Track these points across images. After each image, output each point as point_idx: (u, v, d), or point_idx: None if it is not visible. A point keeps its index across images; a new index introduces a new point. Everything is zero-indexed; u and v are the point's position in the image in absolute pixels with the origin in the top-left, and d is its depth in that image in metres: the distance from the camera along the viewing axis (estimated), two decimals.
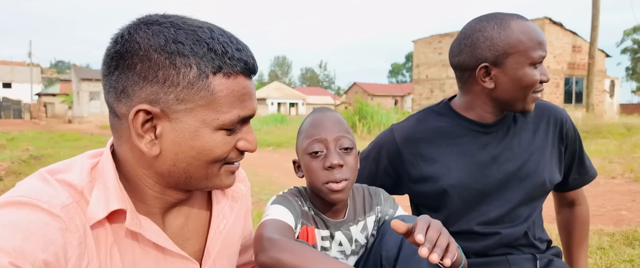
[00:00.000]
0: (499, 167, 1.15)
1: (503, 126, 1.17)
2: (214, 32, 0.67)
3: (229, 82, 0.66)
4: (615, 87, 20.41)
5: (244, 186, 0.93)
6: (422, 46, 20.64)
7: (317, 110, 1.10)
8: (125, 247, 0.70)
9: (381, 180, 1.27)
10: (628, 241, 2.20)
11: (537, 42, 1.05)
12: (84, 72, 29.86)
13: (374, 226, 1.13)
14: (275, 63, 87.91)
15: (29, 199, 0.60)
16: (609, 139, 9.48)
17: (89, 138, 12.61)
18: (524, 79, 1.06)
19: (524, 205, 1.17)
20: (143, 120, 0.65)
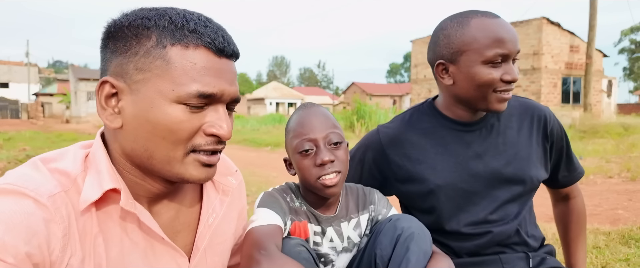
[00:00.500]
0: (485, 165, 1.15)
1: (486, 124, 1.17)
2: (185, 11, 0.69)
3: (187, 53, 0.65)
4: (612, 87, 20.46)
5: (234, 180, 0.91)
6: (420, 46, 20.66)
7: (303, 107, 1.10)
8: (112, 238, 0.68)
9: (366, 182, 1.26)
10: (624, 240, 2.20)
11: (494, 40, 1.02)
12: (81, 71, 29.79)
13: (367, 225, 1.13)
14: (273, 63, 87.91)
15: (16, 187, 0.60)
16: (607, 139, 9.50)
17: (87, 138, 12.54)
18: (476, 77, 1.04)
19: (513, 202, 1.17)
20: (108, 93, 0.67)
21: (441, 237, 1.19)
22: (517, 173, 1.15)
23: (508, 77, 1.03)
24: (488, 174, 1.14)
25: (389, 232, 0.97)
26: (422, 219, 1.22)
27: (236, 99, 0.72)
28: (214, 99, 0.67)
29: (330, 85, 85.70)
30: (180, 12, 0.69)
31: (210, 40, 0.67)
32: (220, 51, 0.67)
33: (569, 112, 13.66)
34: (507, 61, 1.04)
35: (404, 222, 0.98)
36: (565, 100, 17.56)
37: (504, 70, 1.04)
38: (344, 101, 41.35)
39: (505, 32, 1.03)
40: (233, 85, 0.70)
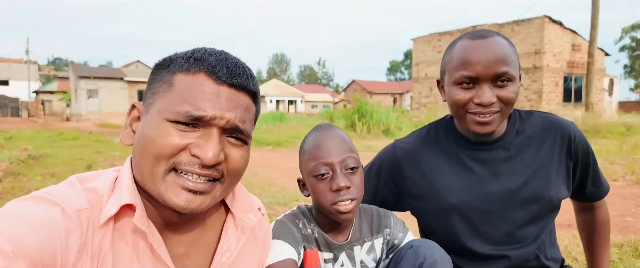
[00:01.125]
0: (501, 185, 1.12)
1: (504, 143, 1.14)
2: (214, 50, 0.75)
3: (187, 77, 0.70)
4: (614, 85, 20.43)
5: (254, 216, 0.88)
6: (421, 44, 20.61)
7: (319, 128, 1.08)
8: (122, 257, 0.70)
9: (382, 195, 1.26)
10: (637, 253, 2.18)
11: (462, 62, 1.03)
12: (81, 69, 29.73)
13: (382, 249, 1.11)
14: (273, 60, 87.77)
15: (50, 196, 0.65)
16: (609, 139, 9.48)
17: (88, 137, 12.54)
18: (449, 96, 1.09)
19: (531, 224, 1.14)
20: (134, 116, 0.75)
21: (456, 258, 1.16)
22: (535, 194, 1.12)
23: (476, 100, 1.03)
24: (504, 194, 1.12)
25: (411, 259, 0.96)
26: (436, 238, 1.20)
27: (235, 128, 0.71)
28: (205, 122, 0.69)
29: (330, 83, 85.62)
30: (207, 49, 0.75)
31: (211, 67, 0.70)
32: (220, 78, 0.70)
33: (571, 111, 13.65)
34: (479, 84, 1.03)
35: (425, 249, 0.96)
36: (566, 99, 17.53)
37: (475, 92, 1.03)
38: (344, 99, 41.29)
39: (476, 55, 1.02)
40: (230, 113, 0.70)
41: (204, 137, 0.69)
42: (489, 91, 1.02)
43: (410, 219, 1.29)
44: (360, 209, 1.14)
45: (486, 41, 1.02)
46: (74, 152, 8.21)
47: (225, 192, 0.77)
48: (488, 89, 1.02)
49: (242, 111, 0.72)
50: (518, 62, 1.08)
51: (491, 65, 1.00)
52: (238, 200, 0.87)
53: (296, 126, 16.16)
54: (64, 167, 6.20)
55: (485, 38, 1.03)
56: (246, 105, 0.74)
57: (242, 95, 0.73)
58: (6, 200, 3.85)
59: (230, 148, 0.73)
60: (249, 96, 0.75)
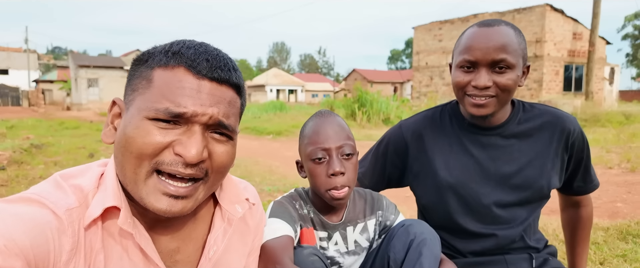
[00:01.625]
0: (496, 168, 1.19)
1: (504, 130, 1.20)
2: (194, 42, 0.72)
3: (165, 72, 0.68)
4: (615, 74, 20.36)
5: (241, 208, 0.85)
6: (422, 33, 20.50)
7: (320, 115, 1.14)
8: (112, 256, 0.69)
9: (389, 173, 1.33)
10: (622, 236, 2.25)
11: (465, 47, 1.10)
12: (81, 58, 29.63)
13: (375, 229, 1.18)
14: (273, 49, 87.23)
15: (38, 197, 0.64)
16: (608, 128, 9.52)
17: (89, 126, 12.59)
18: (452, 78, 1.16)
19: (521, 207, 1.21)
20: (115, 113, 0.73)
21: (448, 234, 1.24)
22: (527, 181, 1.18)
23: (473, 83, 1.10)
24: (498, 178, 1.19)
25: (402, 237, 1.02)
26: (431, 214, 1.28)
27: (219, 123, 0.69)
28: (186, 118, 0.66)
29: (330, 72, 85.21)
30: (185, 42, 0.72)
31: (190, 61, 0.67)
32: (201, 72, 0.67)
33: (571, 100, 13.64)
34: (477, 68, 1.09)
35: (416, 228, 1.03)
36: (567, 88, 17.50)
37: (473, 76, 1.10)
38: (345, 88, 41.17)
39: (478, 41, 1.08)
40: (212, 108, 0.67)
41: (186, 134, 0.67)
42: (486, 76, 1.08)
43: (403, 202, 1.36)
44: (355, 192, 1.21)
45: (490, 29, 1.08)
46: (76, 141, 8.28)
47: (210, 190, 0.74)
48: (485, 73, 1.08)
49: (225, 106, 0.70)
50: (522, 53, 1.11)
51: (490, 51, 1.07)
52: (225, 191, 0.85)
53: (296, 115, 16.17)
54: (67, 155, 6.28)
55: (490, 26, 1.09)
56: (230, 99, 0.71)
57: (224, 88, 0.70)
58: (11, 188, 3.93)
59: (215, 144, 0.70)
60: (233, 89, 0.72)
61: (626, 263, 1.90)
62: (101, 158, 4.53)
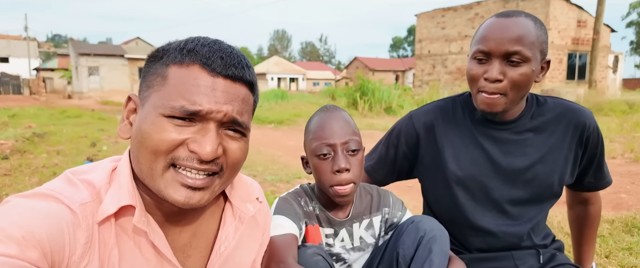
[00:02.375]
0: (508, 163, 1.16)
1: (518, 125, 1.17)
2: (207, 39, 0.73)
3: (180, 70, 0.68)
4: (619, 62, 20.19)
5: (252, 207, 0.88)
6: (425, 20, 20.29)
7: (325, 109, 1.12)
8: (125, 251, 0.71)
9: (400, 165, 1.31)
10: (627, 228, 2.25)
11: (480, 37, 1.07)
12: (82, 46, 29.48)
13: (381, 226, 1.17)
14: (274, 37, 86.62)
15: (53, 192, 0.65)
16: (611, 117, 9.47)
17: (91, 115, 12.59)
18: (467, 69, 1.12)
19: (531, 204, 1.19)
20: (130, 108, 0.74)
21: (455, 229, 1.22)
22: (539, 177, 1.16)
23: (485, 75, 1.06)
24: (510, 172, 1.16)
25: (412, 233, 1.01)
26: (439, 207, 1.26)
27: (233, 121, 0.70)
28: (201, 116, 0.67)
29: (332, 60, 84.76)
30: (200, 39, 0.72)
31: (205, 58, 0.68)
32: (215, 70, 0.68)
33: (574, 89, 13.55)
34: (491, 59, 1.05)
35: (426, 224, 1.02)
36: (570, 77, 17.38)
37: (488, 67, 1.06)
38: (346, 76, 40.99)
39: (494, 32, 1.04)
40: (227, 106, 0.68)
41: (201, 132, 0.68)
42: (498, 67, 1.03)
43: (405, 193, 1.34)
44: (361, 188, 1.19)
45: (508, 20, 1.04)
46: (78, 130, 8.28)
47: (224, 185, 0.76)
48: (498, 64, 1.04)
49: (239, 103, 0.71)
50: (541, 46, 1.06)
51: (504, 42, 1.02)
52: (237, 190, 0.87)
53: (298, 104, 16.12)
54: (69, 144, 6.28)
55: (509, 17, 1.05)
56: (243, 97, 0.72)
57: (238, 86, 0.71)
58: (15, 178, 3.94)
59: (229, 141, 0.71)
60: (246, 86, 0.73)
61: (632, 256, 1.89)
62: (103, 147, 4.51)
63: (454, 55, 19.16)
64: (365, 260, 1.16)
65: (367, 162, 1.35)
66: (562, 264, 1.21)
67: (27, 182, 3.81)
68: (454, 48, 19.15)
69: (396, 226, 1.17)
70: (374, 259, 1.12)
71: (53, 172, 4.18)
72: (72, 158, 5.05)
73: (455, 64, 19.08)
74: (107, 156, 5.29)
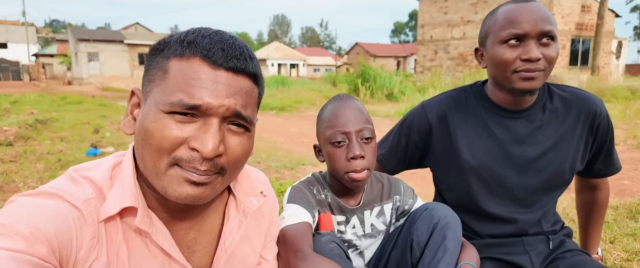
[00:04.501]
0: (521, 152, 1.17)
1: (530, 114, 1.18)
2: (208, 30, 0.70)
3: (181, 63, 0.66)
4: (622, 48, 20.02)
5: (256, 201, 0.87)
6: (427, 5, 20.05)
7: (339, 98, 1.12)
8: (134, 246, 0.71)
9: (411, 153, 1.32)
10: (631, 214, 2.26)
11: (509, 21, 1.07)
12: (81, 32, 29.24)
13: (392, 213, 1.19)
14: (274, 22, 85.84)
15: (57, 191, 0.65)
16: (614, 103, 9.45)
17: (92, 101, 12.57)
18: (494, 56, 1.11)
19: (543, 192, 1.20)
20: (134, 103, 0.72)
21: (467, 216, 1.24)
22: (551, 165, 1.17)
23: (525, 56, 1.06)
24: (522, 161, 1.17)
25: (426, 220, 1.03)
26: (452, 195, 1.28)
27: (236, 114, 0.67)
28: (203, 111, 0.65)
29: (332, 46, 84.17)
30: (201, 30, 0.70)
31: (206, 50, 0.66)
32: (216, 62, 0.66)
33: (577, 75, 13.47)
34: (525, 41, 1.06)
35: (440, 211, 1.03)
36: (572, 63, 17.26)
37: (522, 50, 1.06)
38: (347, 62, 40.75)
39: (523, 14, 1.06)
40: (229, 99, 0.66)
41: (203, 128, 0.66)
42: (536, 48, 1.06)
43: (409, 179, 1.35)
44: (372, 176, 1.20)
45: (531, 4, 1.08)
46: (80, 116, 8.28)
47: (228, 182, 0.74)
48: (534, 45, 1.06)
49: (242, 96, 0.68)
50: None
51: (537, 23, 1.05)
52: (241, 183, 0.86)
53: (299, 90, 16.08)
54: (72, 131, 6.29)
55: (529, 1, 1.09)
56: (247, 89, 0.69)
57: (241, 78, 0.68)
58: (20, 165, 3.96)
59: (231, 137, 0.69)
60: (250, 78, 0.70)
61: (636, 242, 1.91)
62: (107, 133, 4.52)
63: (456, 40, 18.99)
64: (377, 247, 1.18)
65: (378, 151, 1.35)
66: (570, 250, 1.22)
67: (33, 168, 3.83)
68: (457, 33, 18.96)
69: (407, 213, 1.19)
70: (387, 246, 1.14)
71: (58, 158, 4.20)
72: (76, 145, 5.07)
73: (458, 49, 18.92)
74: (111, 143, 5.33)
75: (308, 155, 4.90)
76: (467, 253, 1.02)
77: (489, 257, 1.21)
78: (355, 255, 1.16)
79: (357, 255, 1.17)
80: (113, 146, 5.07)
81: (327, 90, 16.53)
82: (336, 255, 0.95)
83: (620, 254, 1.80)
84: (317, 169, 3.89)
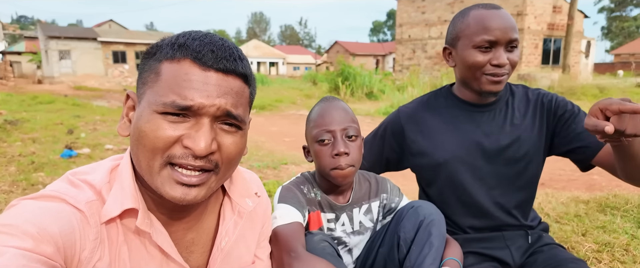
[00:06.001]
0: (490, 143, 1.25)
1: (495, 108, 1.27)
2: (200, 32, 0.73)
3: (172, 65, 0.68)
4: (590, 47, 20.85)
5: (251, 202, 0.89)
6: (405, 5, 20.31)
7: (325, 100, 1.16)
8: (134, 248, 0.73)
9: (387, 155, 1.39)
10: (601, 208, 2.38)
11: (482, 28, 1.15)
12: (51, 29, 28.21)
13: (379, 211, 1.22)
14: (252, 20, 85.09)
15: (59, 193, 0.67)
16: (583, 101, 9.84)
17: (64, 101, 12.16)
18: (466, 59, 1.19)
19: (515, 179, 1.26)
20: (129, 105, 0.74)
21: (449, 210, 1.29)
22: (519, 152, 1.25)
23: (495, 61, 1.15)
24: (493, 151, 1.24)
25: (412, 218, 1.07)
26: (431, 192, 1.34)
27: (227, 114, 0.69)
28: (194, 111, 0.67)
29: (312, 44, 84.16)
30: (191, 33, 0.72)
31: (196, 52, 0.68)
32: (206, 64, 0.68)
33: (549, 74, 13.95)
34: (496, 47, 1.15)
35: (425, 209, 1.07)
36: (545, 61, 17.84)
37: (492, 55, 1.16)
38: (327, 61, 40.83)
39: (494, 22, 1.15)
40: (220, 99, 0.68)
41: (195, 127, 0.68)
42: (504, 54, 1.16)
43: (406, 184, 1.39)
44: (360, 175, 1.24)
45: (500, 11, 1.17)
46: (52, 117, 8.00)
47: (222, 180, 0.75)
48: (503, 52, 1.16)
49: (233, 96, 0.70)
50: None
51: (507, 31, 1.15)
52: (235, 184, 0.88)
53: (279, 89, 16.03)
54: (44, 132, 6.08)
55: (498, 9, 1.18)
56: (237, 89, 0.71)
57: (231, 79, 0.70)
58: None
59: (224, 136, 0.71)
60: (240, 79, 0.72)
61: (605, 233, 2.02)
62: (82, 134, 4.38)
63: (433, 40, 19.33)
64: (365, 244, 1.21)
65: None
66: (548, 244, 1.29)
67: (5, 171, 3.69)
68: (434, 33, 19.30)
69: (393, 211, 1.22)
70: (374, 243, 1.17)
71: (31, 160, 4.06)
72: (50, 146, 4.90)
73: (435, 48, 19.27)
74: (86, 144, 5.18)
75: (290, 155, 4.90)
76: (451, 249, 1.06)
77: (472, 252, 1.26)
78: (344, 252, 1.19)
79: (346, 252, 1.19)
80: (89, 147, 4.93)
81: (307, 89, 16.53)
82: (328, 254, 0.97)
83: (592, 246, 1.89)
84: (301, 169, 3.90)
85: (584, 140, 1.19)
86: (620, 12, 54.04)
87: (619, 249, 1.83)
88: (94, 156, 4.49)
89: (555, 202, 2.49)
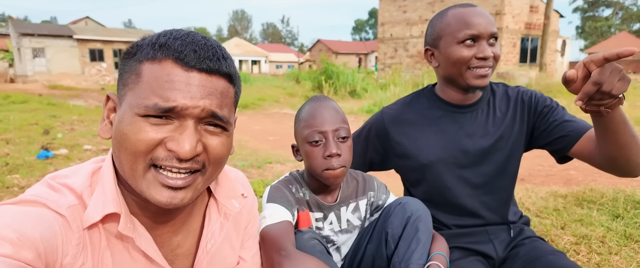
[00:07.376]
0: (473, 143, 1.27)
1: (477, 108, 1.29)
2: (181, 31, 0.70)
3: (153, 66, 0.66)
4: (566, 46, 21.47)
5: (237, 203, 0.87)
6: (387, 4, 20.45)
7: (316, 99, 1.15)
8: (117, 253, 0.71)
9: (370, 156, 1.40)
10: (578, 202, 2.46)
11: (464, 23, 1.18)
12: (24, 26, 27.23)
13: (366, 209, 1.23)
14: (234, 18, 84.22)
15: (39, 198, 0.65)
16: (559, 99, 10.12)
17: (38, 100, 11.77)
18: (451, 55, 1.20)
19: (498, 177, 1.29)
20: (110, 107, 0.72)
21: (432, 209, 1.30)
22: (501, 151, 1.27)
23: (480, 55, 1.17)
24: (476, 152, 1.27)
25: (399, 214, 1.08)
26: (415, 192, 1.35)
27: (212, 115, 0.67)
28: (177, 113, 0.65)
29: (294, 42, 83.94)
30: (173, 32, 0.69)
31: (177, 52, 0.65)
32: (188, 64, 0.65)
33: (526, 72, 14.30)
34: (479, 41, 1.18)
35: (412, 206, 1.08)
36: (522, 60, 18.28)
37: (477, 49, 1.18)
38: (309, 59, 40.80)
39: (475, 17, 1.18)
40: (204, 100, 0.66)
41: (178, 129, 0.66)
42: (488, 47, 1.18)
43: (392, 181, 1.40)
44: (348, 173, 1.24)
45: (478, 8, 1.21)
46: (27, 117, 7.74)
47: (209, 181, 0.74)
48: (487, 45, 1.18)
49: (217, 96, 0.68)
50: None
51: (488, 25, 1.18)
52: (221, 186, 0.86)
53: (262, 88, 15.91)
54: (19, 132, 5.88)
55: (475, 7, 1.21)
56: (222, 90, 0.69)
57: (215, 79, 0.68)
58: None
59: (209, 137, 0.69)
60: (224, 79, 0.69)
61: (583, 226, 2.08)
62: (58, 134, 4.26)
63: (415, 38, 19.54)
64: (353, 242, 1.21)
65: None
66: (529, 237, 1.33)
67: None
68: (415, 32, 19.51)
69: (381, 208, 1.23)
70: (362, 240, 1.17)
71: (5, 162, 3.92)
72: (25, 147, 4.75)
73: (417, 47, 19.48)
74: (63, 144, 5.03)
75: (274, 154, 4.88)
76: (438, 244, 1.08)
77: (457, 247, 1.29)
78: (333, 250, 1.19)
79: (334, 250, 1.20)
80: (66, 148, 4.80)
81: (290, 87, 16.47)
82: (318, 252, 0.98)
83: (570, 238, 1.95)
84: (286, 167, 3.89)
85: (562, 130, 1.20)
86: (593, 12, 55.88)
87: (596, 241, 1.90)
88: (72, 157, 4.37)
89: (535, 197, 2.56)
